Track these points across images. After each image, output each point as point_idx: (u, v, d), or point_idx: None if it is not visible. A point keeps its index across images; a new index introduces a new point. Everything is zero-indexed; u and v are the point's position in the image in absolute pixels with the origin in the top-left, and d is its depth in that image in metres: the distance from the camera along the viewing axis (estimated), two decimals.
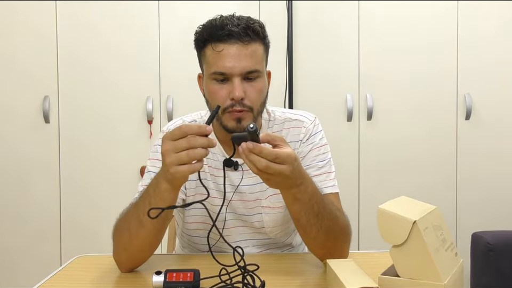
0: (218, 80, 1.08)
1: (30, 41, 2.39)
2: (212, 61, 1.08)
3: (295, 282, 1.00)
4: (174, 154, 0.89)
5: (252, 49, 1.07)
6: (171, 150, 0.89)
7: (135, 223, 1.00)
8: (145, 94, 2.42)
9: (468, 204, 2.49)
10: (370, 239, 2.31)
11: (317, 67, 2.46)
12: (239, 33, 1.06)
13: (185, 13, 2.40)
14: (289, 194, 0.97)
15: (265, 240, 1.24)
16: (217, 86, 1.09)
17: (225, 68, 1.06)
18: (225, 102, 1.08)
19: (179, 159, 0.89)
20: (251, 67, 1.07)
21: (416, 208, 0.82)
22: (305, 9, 2.46)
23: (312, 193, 0.98)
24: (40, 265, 2.39)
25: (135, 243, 1.02)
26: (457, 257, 0.84)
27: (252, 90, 1.08)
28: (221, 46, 1.06)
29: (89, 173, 2.42)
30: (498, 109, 2.48)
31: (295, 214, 1.00)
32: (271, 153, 0.88)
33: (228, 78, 1.07)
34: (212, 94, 1.10)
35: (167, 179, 0.94)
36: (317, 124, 1.23)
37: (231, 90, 1.06)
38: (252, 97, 1.08)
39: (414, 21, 2.47)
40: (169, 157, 0.90)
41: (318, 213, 0.99)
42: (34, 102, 2.39)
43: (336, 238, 1.04)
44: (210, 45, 1.08)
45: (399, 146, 2.48)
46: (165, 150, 0.90)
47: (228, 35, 1.06)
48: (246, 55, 1.06)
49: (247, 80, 1.08)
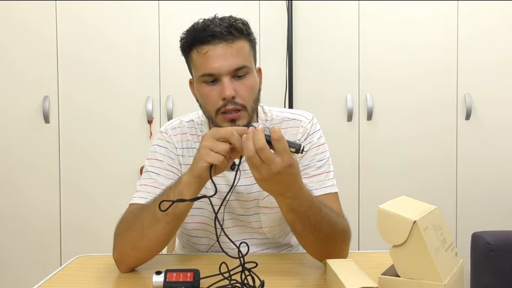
0: (207, 82, 1.08)
1: (30, 41, 2.39)
2: (198, 64, 1.08)
3: (295, 282, 1.00)
4: (212, 141, 0.94)
5: (237, 47, 1.07)
6: (211, 137, 0.94)
7: (149, 217, 1.00)
8: (145, 94, 2.42)
9: (468, 203, 2.49)
10: (370, 239, 2.32)
11: (317, 67, 2.46)
12: (221, 32, 1.05)
13: (185, 13, 2.40)
14: (283, 204, 0.97)
15: (263, 240, 1.24)
16: (208, 88, 1.08)
17: (212, 68, 1.06)
18: (217, 103, 1.07)
19: (212, 145, 0.94)
20: (238, 64, 1.07)
21: (416, 208, 0.82)
22: (305, 9, 2.46)
23: (308, 207, 0.97)
24: (40, 265, 2.39)
25: (146, 240, 1.01)
26: (457, 257, 0.84)
27: (243, 88, 1.08)
28: (205, 48, 1.06)
29: (89, 172, 2.42)
30: (498, 109, 2.48)
31: (290, 222, 1.00)
32: (277, 131, 0.88)
33: (217, 78, 1.07)
34: (204, 97, 1.10)
35: (191, 170, 0.97)
36: (315, 123, 1.23)
37: (221, 90, 1.06)
38: (244, 94, 1.08)
39: (414, 21, 2.47)
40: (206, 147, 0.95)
41: (316, 224, 0.98)
42: (34, 102, 2.39)
43: (335, 244, 1.04)
44: (195, 48, 1.08)
45: (399, 146, 2.48)
46: (204, 144, 0.95)
47: (211, 36, 1.06)
48: (232, 53, 1.06)
49: (236, 78, 1.08)
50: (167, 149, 1.19)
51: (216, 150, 0.93)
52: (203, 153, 0.94)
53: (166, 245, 1.07)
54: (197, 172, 0.96)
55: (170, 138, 1.21)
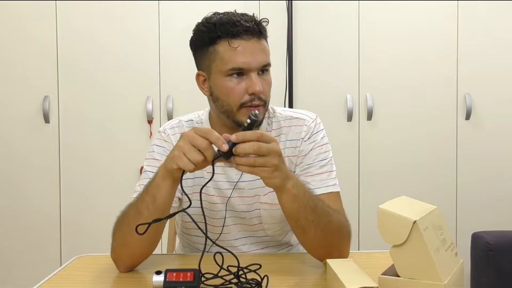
0: (233, 76, 1.09)
1: (30, 41, 2.39)
2: (226, 57, 1.08)
3: (295, 281, 1.00)
4: (189, 145, 0.92)
5: (263, 44, 1.11)
6: (188, 141, 0.93)
7: (133, 213, 1.02)
8: (145, 94, 2.42)
9: (468, 203, 2.49)
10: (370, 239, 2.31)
11: (317, 67, 2.46)
12: (254, 28, 1.08)
13: (185, 13, 2.40)
14: (287, 192, 0.97)
15: (263, 238, 1.25)
16: (234, 82, 1.09)
17: (244, 63, 1.07)
18: (242, 97, 1.09)
19: (189, 151, 0.92)
20: (266, 61, 1.10)
21: (416, 208, 0.82)
22: (305, 9, 2.46)
23: (303, 186, 1.01)
24: (40, 265, 2.39)
25: (134, 235, 1.01)
26: (457, 257, 0.84)
27: (265, 84, 1.11)
28: (237, 42, 1.07)
29: (89, 172, 2.42)
30: (498, 109, 2.48)
31: (293, 214, 1.01)
32: (254, 133, 0.91)
33: (244, 73, 1.08)
34: (228, 89, 1.09)
35: (164, 164, 0.98)
36: (318, 122, 1.24)
37: (249, 85, 1.08)
38: (266, 91, 1.11)
39: (414, 21, 2.47)
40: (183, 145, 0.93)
41: (315, 208, 1.00)
42: (34, 102, 2.39)
43: (334, 236, 1.04)
44: (224, 41, 1.08)
45: (399, 146, 2.48)
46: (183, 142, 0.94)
47: (244, 31, 1.07)
48: (261, 49, 1.09)
49: (260, 74, 1.10)
50: (165, 148, 1.20)
51: (189, 156, 0.92)
52: (176, 154, 0.94)
53: (155, 240, 1.07)
54: (169, 168, 0.97)
55: (168, 138, 1.21)
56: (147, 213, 0.99)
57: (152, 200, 0.99)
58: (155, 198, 0.99)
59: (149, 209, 0.99)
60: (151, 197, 0.99)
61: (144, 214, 0.99)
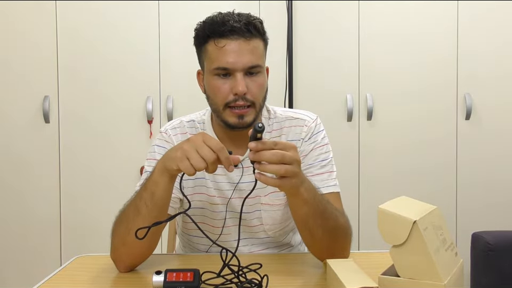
0: (220, 75, 1.09)
1: (30, 41, 2.39)
2: (214, 57, 1.09)
3: (295, 282, 1.00)
4: (195, 151, 0.91)
5: (253, 45, 1.09)
6: (194, 148, 0.92)
7: (131, 210, 1.01)
8: (145, 94, 2.42)
9: (468, 203, 2.49)
10: (370, 239, 2.31)
11: (317, 67, 2.46)
12: (241, 28, 1.07)
13: (185, 13, 2.40)
14: (298, 196, 0.97)
15: (264, 239, 1.24)
16: (220, 82, 1.09)
17: (228, 63, 1.07)
18: (227, 97, 1.09)
19: (193, 157, 0.91)
20: (253, 62, 1.09)
21: (416, 208, 0.82)
22: (305, 9, 2.46)
23: (314, 189, 1.00)
24: (40, 265, 2.39)
25: (133, 235, 1.01)
26: (457, 257, 0.84)
27: (254, 85, 1.10)
28: (223, 42, 1.07)
29: (89, 172, 2.42)
30: (498, 109, 2.48)
31: (303, 217, 1.01)
32: (272, 142, 0.90)
33: (230, 73, 1.08)
34: (214, 89, 1.10)
35: (163, 159, 0.98)
36: (319, 123, 1.24)
37: (233, 85, 1.08)
38: (254, 92, 1.10)
39: (414, 20, 2.46)
40: (187, 147, 0.92)
41: (323, 212, 1.00)
42: (34, 102, 2.39)
43: (339, 238, 1.05)
44: (212, 40, 1.09)
45: (399, 146, 2.48)
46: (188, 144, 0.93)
47: (230, 31, 1.07)
48: (248, 50, 1.08)
49: (248, 75, 1.09)
50: (166, 148, 1.19)
51: (193, 162, 0.91)
52: (179, 156, 0.93)
53: (155, 240, 1.06)
54: (168, 168, 0.97)
55: (169, 138, 1.21)
56: (145, 209, 0.99)
57: (150, 196, 0.99)
58: (153, 194, 0.99)
59: (148, 206, 0.99)
60: (149, 193, 0.99)
61: (142, 210, 0.99)
